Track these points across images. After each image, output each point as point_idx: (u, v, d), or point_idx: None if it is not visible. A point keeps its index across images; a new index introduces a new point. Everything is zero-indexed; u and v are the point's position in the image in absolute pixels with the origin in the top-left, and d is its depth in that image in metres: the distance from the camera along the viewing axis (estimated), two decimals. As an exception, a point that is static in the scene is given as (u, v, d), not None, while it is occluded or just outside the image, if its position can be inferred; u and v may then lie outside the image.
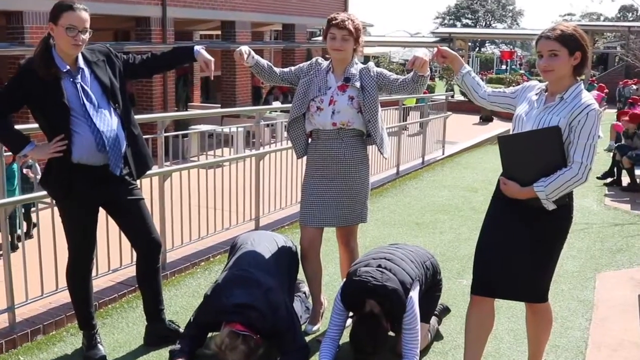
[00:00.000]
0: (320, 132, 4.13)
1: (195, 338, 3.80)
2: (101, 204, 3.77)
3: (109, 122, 3.58)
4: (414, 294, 3.72)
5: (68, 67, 3.50)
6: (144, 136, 3.92)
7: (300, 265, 4.32)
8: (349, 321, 3.86)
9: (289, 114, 4.28)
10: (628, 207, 8.47)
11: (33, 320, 4.31)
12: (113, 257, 5.06)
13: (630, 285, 5.39)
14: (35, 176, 7.61)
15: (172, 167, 5.69)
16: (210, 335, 3.84)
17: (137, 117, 3.92)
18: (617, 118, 13.69)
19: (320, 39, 23.00)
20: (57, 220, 3.99)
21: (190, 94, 22.25)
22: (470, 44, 43.99)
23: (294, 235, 6.11)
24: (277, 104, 18.35)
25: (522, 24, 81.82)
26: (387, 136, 4.30)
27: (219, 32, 19.71)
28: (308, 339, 4.12)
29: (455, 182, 9.87)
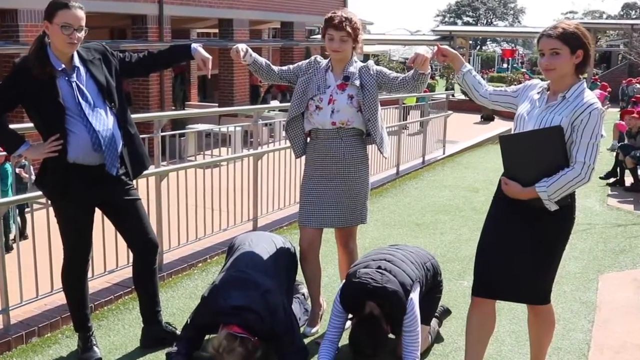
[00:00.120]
0: (320, 132, 4.13)
1: (192, 340, 3.80)
2: (97, 204, 3.77)
3: (105, 121, 3.57)
4: (415, 295, 3.72)
5: (63, 66, 3.50)
6: (141, 136, 3.92)
7: (299, 266, 4.32)
8: (349, 323, 3.87)
9: (287, 113, 4.28)
10: (631, 208, 8.47)
11: (28, 322, 4.31)
12: (109, 258, 5.05)
13: (633, 286, 5.40)
14: (30, 176, 7.61)
15: (169, 167, 5.69)
16: (207, 337, 3.83)
17: (133, 116, 3.92)
18: (621, 117, 13.69)
19: (319, 37, 22.99)
20: (52, 220, 3.99)
21: (188, 92, 22.24)
22: (471, 42, 43.95)
23: (292, 236, 6.11)
24: (275, 103, 18.35)
25: (523, 21, 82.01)
26: (387, 135, 4.30)
27: (216, 30, 19.70)
28: (307, 341, 4.12)
29: (456, 182, 9.87)
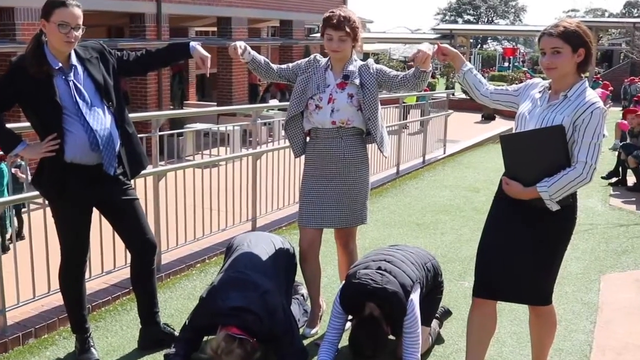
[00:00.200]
0: (319, 131, 4.13)
1: (190, 341, 3.80)
2: (95, 204, 3.77)
3: (102, 120, 3.57)
4: (415, 296, 3.72)
5: (60, 65, 3.50)
6: (138, 135, 3.92)
7: (299, 267, 4.32)
8: (348, 324, 3.87)
9: (286, 112, 4.28)
10: (633, 208, 8.47)
11: (24, 324, 4.31)
12: (106, 258, 5.05)
13: (635, 287, 5.40)
14: (26, 176, 7.60)
15: (167, 167, 5.69)
16: (206, 338, 3.83)
17: (131, 116, 3.92)
18: (623, 116, 13.69)
19: (318, 35, 22.99)
20: (49, 221, 3.99)
21: (186, 91, 22.24)
22: (471, 40, 43.94)
23: (291, 236, 6.11)
24: (274, 102, 18.36)
25: (524, 20, 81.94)
26: (387, 134, 4.30)
27: (215, 29, 19.69)
28: (306, 342, 4.12)
29: (457, 182, 9.87)
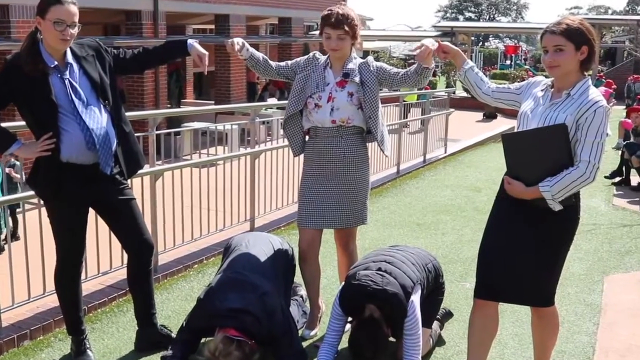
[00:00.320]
0: (319, 130, 4.12)
1: (188, 343, 3.80)
2: (91, 204, 3.77)
3: (98, 119, 3.57)
4: (416, 297, 3.72)
5: (56, 63, 3.50)
6: (135, 134, 3.92)
7: (298, 268, 4.32)
8: (348, 326, 3.87)
9: (285, 110, 4.28)
10: (637, 208, 8.48)
11: (19, 325, 4.31)
12: (103, 259, 5.05)
13: (638, 288, 5.41)
14: (21, 176, 7.58)
15: (164, 166, 5.69)
16: (203, 340, 3.84)
17: (127, 114, 3.92)
18: (627, 115, 13.69)
19: (317, 33, 23.01)
20: (45, 221, 3.99)
21: (183, 90, 22.24)
22: (473, 38, 43.98)
23: (290, 236, 6.11)
24: (272, 101, 18.36)
25: (527, 17, 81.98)
26: (387, 133, 4.30)
27: (212, 26, 19.71)
28: (305, 344, 4.12)
29: (458, 182, 9.88)
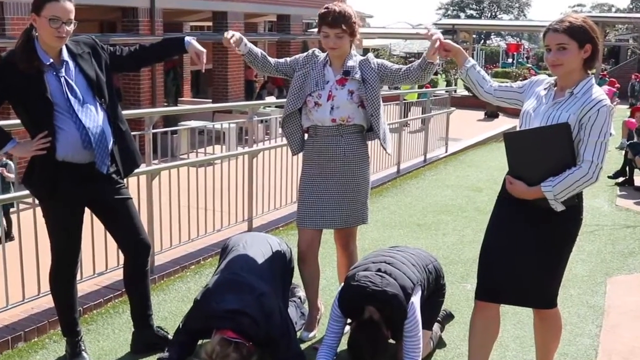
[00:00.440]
0: (319, 129, 4.12)
1: (184, 345, 3.80)
2: (87, 203, 3.77)
3: (94, 117, 3.57)
4: (416, 299, 3.72)
5: (51, 60, 3.50)
6: (131, 132, 3.92)
7: (296, 268, 4.32)
8: (347, 328, 3.87)
9: (283, 109, 4.27)
10: (641, 208, 8.49)
11: (13, 327, 4.31)
12: (98, 259, 5.05)
13: (642, 290, 5.41)
14: (15, 175, 7.60)
15: (161, 166, 5.68)
16: (201, 342, 3.84)
17: (124, 113, 3.92)
18: (631, 114, 13.71)
19: (316, 30, 23.03)
20: (39, 221, 3.99)
21: (180, 88, 22.23)
22: (474, 36, 44.03)
23: (289, 237, 6.11)
24: (271, 99, 18.36)
25: (529, 15, 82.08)
26: (389, 131, 4.30)
27: (210, 24, 19.70)
28: (304, 346, 4.12)
29: (459, 182, 9.88)
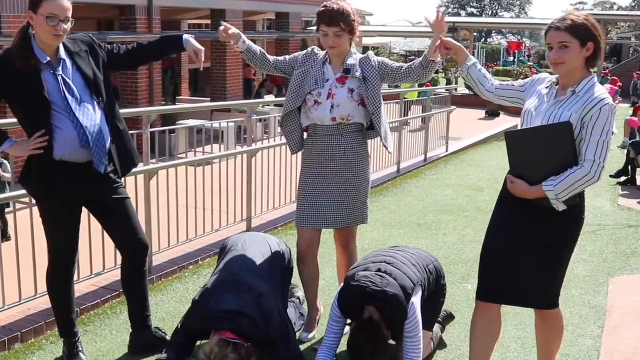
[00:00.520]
0: (318, 128, 4.12)
1: (182, 346, 3.80)
2: (84, 203, 3.77)
3: (92, 116, 3.58)
4: (416, 299, 3.72)
5: (49, 59, 3.50)
6: (129, 132, 3.92)
7: (295, 269, 4.32)
8: (347, 329, 3.87)
9: (282, 108, 4.27)
10: (643, 208, 8.49)
11: (10, 328, 4.31)
12: (96, 260, 5.05)
13: (645, 290, 5.41)
14: (12, 175, 7.58)
15: (159, 165, 5.69)
16: (199, 343, 3.84)
17: (121, 112, 3.92)
18: (633, 113, 13.72)
19: (315, 29, 23.00)
20: (37, 221, 3.99)
21: (178, 86, 22.21)
22: (475, 34, 44.03)
23: (288, 237, 6.11)
24: (270, 98, 18.36)
25: (530, 13, 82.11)
26: (389, 130, 4.30)
27: (208, 22, 19.68)
28: (303, 347, 4.12)
29: (460, 181, 9.89)
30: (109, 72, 3.76)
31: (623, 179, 10.22)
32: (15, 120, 3.71)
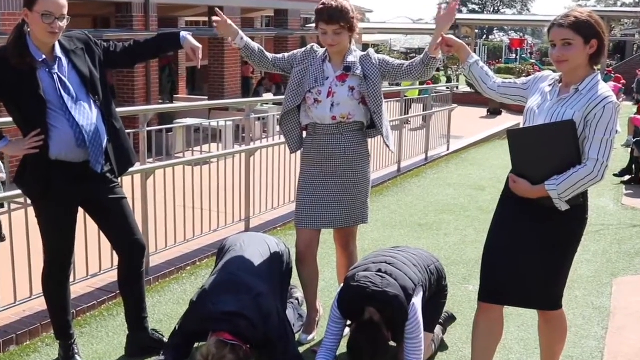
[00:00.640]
0: (318, 127, 4.12)
1: (180, 348, 3.80)
2: (80, 203, 3.77)
3: (88, 115, 3.57)
4: (417, 300, 3.72)
5: (44, 57, 3.50)
6: (126, 130, 3.92)
7: (294, 269, 4.32)
8: (347, 330, 3.87)
9: (281, 106, 4.27)
10: (647, 207, 8.49)
11: (5, 330, 4.31)
12: (92, 261, 5.05)
13: (649, 291, 5.42)
14: (7, 175, 7.59)
15: (156, 164, 5.69)
16: (197, 345, 3.84)
17: (118, 110, 3.92)
18: (638, 111, 13.70)
19: (314, 26, 22.97)
20: (32, 221, 3.99)
21: (176, 85, 22.18)
22: (477, 31, 44.03)
23: (287, 237, 6.12)
24: (268, 96, 18.35)
25: (533, 9, 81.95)
26: (390, 128, 4.30)
27: (206, 19, 19.66)
28: (302, 349, 4.13)
29: (461, 180, 9.89)
30: (105, 70, 3.76)
31: (627, 177, 10.22)
32: (10, 119, 3.71)
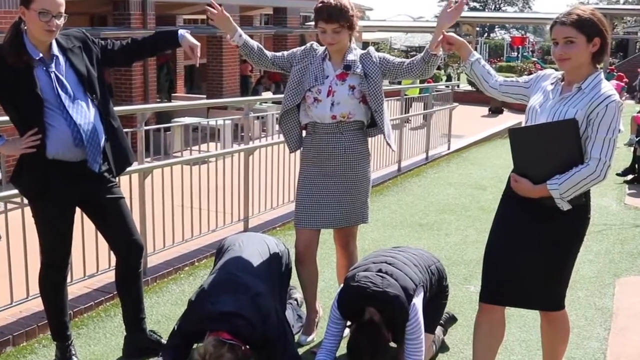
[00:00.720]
0: (318, 126, 4.12)
1: (179, 349, 3.80)
2: (78, 203, 3.77)
3: (86, 114, 3.57)
4: (418, 300, 3.72)
5: (41, 55, 3.50)
6: (123, 129, 3.92)
7: (294, 270, 4.32)
8: (347, 331, 3.87)
9: (280, 105, 4.27)
10: (650, 207, 8.49)
11: (1, 331, 4.31)
12: (89, 261, 5.05)
13: (652, 291, 5.42)
14: (4, 174, 7.57)
15: (154, 164, 5.69)
16: (195, 345, 3.84)
17: (115, 109, 3.92)
18: None
19: (313, 24, 22.96)
20: (28, 221, 3.98)
21: (174, 83, 22.18)
22: (478, 29, 44.03)
23: (286, 237, 6.12)
24: (267, 94, 18.35)
25: (534, 7, 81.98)
26: (391, 127, 4.30)
27: (204, 17, 19.66)
28: (302, 350, 4.13)
29: (462, 180, 9.89)
30: (102, 69, 3.76)
31: (630, 177, 10.23)
32: (6, 118, 3.71)
